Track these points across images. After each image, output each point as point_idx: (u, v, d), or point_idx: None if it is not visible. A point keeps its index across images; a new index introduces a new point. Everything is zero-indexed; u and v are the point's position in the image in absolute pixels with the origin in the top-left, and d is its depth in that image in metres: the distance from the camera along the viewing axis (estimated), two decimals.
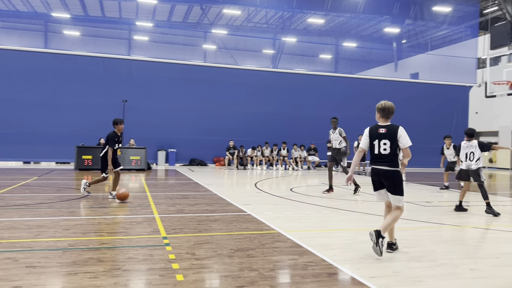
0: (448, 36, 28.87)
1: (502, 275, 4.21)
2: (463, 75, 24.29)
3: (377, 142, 4.81)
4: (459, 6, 27.08)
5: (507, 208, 9.10)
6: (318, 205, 8.54)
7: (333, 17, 28.62)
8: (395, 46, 29.58)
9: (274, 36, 27.77)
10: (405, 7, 27.56)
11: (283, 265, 4.32)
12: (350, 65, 27.04)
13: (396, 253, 4.83)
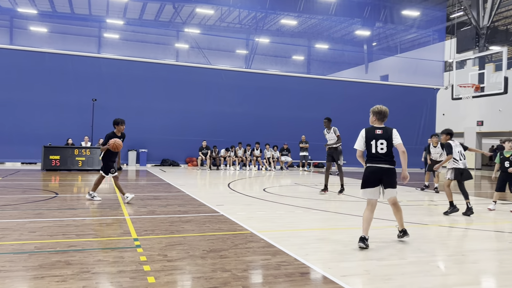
0: (417, 39, 29.67)
1: (467, 271, 4.34)
2: (430, 78, 24.99)
3: (374, 142, 5.16)
4: (427, 10, 27.87)
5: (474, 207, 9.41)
6: (291, 205, 8.59)
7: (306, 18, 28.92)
8: (365, 48, 30.17)
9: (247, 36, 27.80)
10: (375, 11, 28.13)
11: (256, 265, 4.32)
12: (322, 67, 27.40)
13: (367, 252, 4.91)
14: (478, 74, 18.01)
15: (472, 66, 24.10)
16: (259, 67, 24.15)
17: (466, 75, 18.63)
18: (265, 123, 21.30)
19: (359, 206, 8.92)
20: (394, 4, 28.06)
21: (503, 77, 15.99)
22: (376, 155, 5.14)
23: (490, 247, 5.43)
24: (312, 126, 21.66)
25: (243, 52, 27.16)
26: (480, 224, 7.08)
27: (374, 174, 5.15)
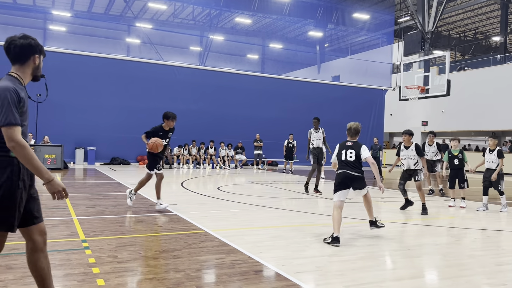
0: (367, 42, 30.68)
1: (413, 265, 4.54)
2: (379, 79, 25.91)
3: (344, 152, 5.85)
4: (377, 14, 28.88)
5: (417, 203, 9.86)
6: (245, 203, 8.60)
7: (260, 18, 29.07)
8: (318, 49, 30.79)
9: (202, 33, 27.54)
10: (328, 12, 28.78)
11: (210, 264, 4.28)
12: (276, 66, 27.68)
13: (320, 248, 5.01)
14: (424, 76, 18.87)
15: (418, 68, 25.25)
16: (213, 64, 23.98)
17: (413, 77, 19.46)
18: (220, 121, 21.19)
19: (312, 204, 9.09)
20: (345, 6, 28.83)
21: (446, 79, 16.85)
22: (346, 162, 5.75)
23: (434, 241, 5.70)
24: (267, 124, 21.84)
25: (197, 49, 26.87)
26: (425, 220, 7.43)
27: (344, 179, 5.70)
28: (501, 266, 4.50)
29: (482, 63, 29.25)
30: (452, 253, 5.05)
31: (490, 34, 38.10)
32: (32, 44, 2.70)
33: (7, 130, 2.44)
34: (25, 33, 2.74)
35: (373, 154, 16.70)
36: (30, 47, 2.69)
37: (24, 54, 2.68)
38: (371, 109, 25.35)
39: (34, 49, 2.72)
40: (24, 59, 2.70)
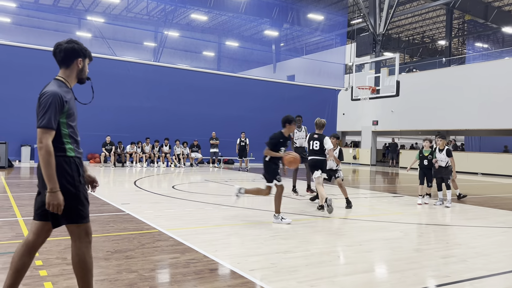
0: (321, 42, 31.34)
1: (364, 260, 4.69)
2: (333, 79, 26.55)
3: (312, 142, 7.87)
4: (331, 15, 29.56)
5: (368, 200, 10.21)
6: (201, 201, 8.53)
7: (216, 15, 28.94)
8: (274, 48, 31.09)
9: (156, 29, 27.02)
10: (283, 12, 29.11)
11: (164, 264, 4.22)
12: (232, 64, 27.66)
13: (274, 245, 5.06)
14: (375, 77, 19.55)
15: (369, 69, 26.10)
16: (168, 61, 23.60)
17: (364, 78, 20.10)
18: (175, 119, 20.88)
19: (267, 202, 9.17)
20: (300, 7, 29.29)
21: (395, 81, 17.54)
22: (313, 151, 7.85)
23: (383, 236, 5.92)
24: (223, 122, 21.77)
25: (151, 44, 26.33)
26: (375, 216, 7.70)
27: (313, 163, 7.85)
28: (445, 259, 4.74)
29: (428, 65, 30.70)
30: (400, 247, 5.27)
31: (436, 38, 40.04)
32: (75, 48, 2.86)
33: (41, 132, 2.61)
34: (71, 38, 2.91)
35: None
36: (73, 51, 2.85)
37: (68, 57, 2.85)
38: (325, 109, 25.92)
39: (78, 53, 2.87)
40: (69, 62, 2.87)
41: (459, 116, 23.45)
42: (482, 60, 31.51)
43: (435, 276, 4.12)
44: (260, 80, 24.48)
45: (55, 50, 2.87)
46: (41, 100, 2.68)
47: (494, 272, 4.27)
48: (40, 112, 2.65)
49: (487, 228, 6.82)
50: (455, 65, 29.01)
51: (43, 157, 2.59)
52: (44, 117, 2.62)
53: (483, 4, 31.55)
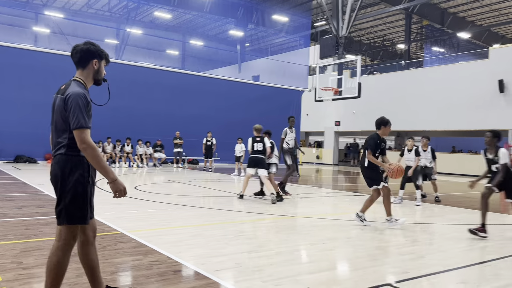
0: (286, 43, 31.63)
1: (327, 258, 4.77)
2: (297, 80, 26.83)
3: (256, 144, 9.30)
4: (294, 17, 29.88)
5: (331, 199, 10.39)
6: (164, 202, 8.41)
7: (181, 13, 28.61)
8: (239, 48, 31.10)
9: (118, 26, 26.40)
10: (248, 13, 29.17)
11: (126, 266, 4.13)
12: (197, 63, 27.43)
13: (239, 245, 5.06)
14: (337, 79, 19.94)
15: (332, 71, 26.58)
16: (131, 58, 23.09)
17: (327, 80, 20.45)
18: (137, 118, 20.42)
19: (231, 202, 9.16)
20: (265, 8, 29.44)
21: (357, 82, 17.95)
22: (256, 151, 9.27)
23: (345, 234, 6.05)
24: (187, 122, 21.53)
25: (113, 42, 25.68)
26: (337, 214, 7.85)
27: (253, 161, 9.23)
28: (404, 256, 4.90)
29: (388, 68, 31.65)
30: (362, 245, 5.40)
31: (396, 42, 41.29)
32: (91, 49, 2.93)
33: (79, 133, 2.70)
34: (89, 40, 2.98)
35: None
36: (89, 52, 2.93)
37: (84, 58, 2.93)
38: (289, 109, 26.12)
39: (93, 54, 2.94)
40: (85, 63, 2.95)
41: (417, 118, 24.31)
42: (439, 64, 32.79)
43: (394, 273, 4.25)
44: (225, 80, 24.40)
45: (72, 51, 2.96)
46: (69, 102, 2.74)
47: (449, 268, 4.46)
48: (72, 114, 2.71)
49: (443, 226, 7.10)
50: (413, 68, 30.04)
51: (92, 155, 2.71)
52: (78, 117, 2.71)
53: (439, 10, 32.84)
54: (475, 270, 4.44)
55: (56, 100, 2.85)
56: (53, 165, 2.84)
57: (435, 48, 38.58)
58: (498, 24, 34.51)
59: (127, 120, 20.12)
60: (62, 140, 2.79)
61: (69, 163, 2.79)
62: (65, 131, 2.79)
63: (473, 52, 32.08)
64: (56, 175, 2.79)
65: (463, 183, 17.14)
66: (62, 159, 2.79)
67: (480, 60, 23.90)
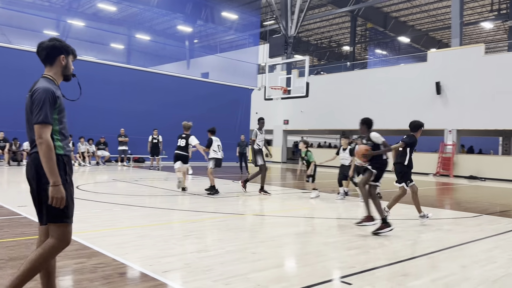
0: (235, 41, 31.58)
1: (276, 255, 4.81)
2: (246, 78, 26.88)
3: (180, 140, 10.21)
4: (244, 15, 29.90)
5: (279, 196, 10.51)
6: (109, 202, 8.09)
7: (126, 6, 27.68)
8: (187, 44, 30.62)
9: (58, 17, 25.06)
10: (197, 8, 28.79)
11: (68, 270, 3.91)
12: (143, 58, 26.65)
13: (188, 245, 4.97)
14: (286, 78, 20.18)
15: (281, 70, 26.90)
16: None
17: (276, 78, 20.65)
18: (79, 114, 19.46)
19: (180, 201, 9.01)
20: (214, 4, 29.21)
21: (305, 82, 18.28)
22: (180, 147, 10.20)
23: (294, 231, 6.13)
24: (133, 119, 20.89)
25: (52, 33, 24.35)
26: (286, 211, 7.95)
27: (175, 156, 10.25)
28: (351, 251, 5.05)
29: (335, 68, 32.56)
30: (310, 241, 5.50)
31: (342, 43, 42.58)
32: (56, 45, 2.90)
33: (40, 127, 2.66)
34: (54, 37, 2.97)
35: (240, 150, 17.27)
36: (54, 48, 2.90)
37: (50, 55, 2.90)
38: (238, 107, 26.18)
39: (60, 50, 2.92)
40: (52, 60, 2.91)
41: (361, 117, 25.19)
42: (382, 65, 34.23)
43: (341, 268, 4.36)
44: (173, 76, 23.93)
45: (37, 49, 2.92)
46: (34, 97, 2.72)
47: (393, 261, 4.64)
48: (35, 108, 2.69)
49: None
50: (358, 69, 31.12)
51: (44, 152, 2.64)
52: (41, 112, 2.67)
53: (382, 14, 34.25)
54: (416, 263, 4.66)
55: (28, 99, 2.81)
56: (29, 164, 2.78)
57: (378, 51, 40.22)
58: (436, 29, 36.59)
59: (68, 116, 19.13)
60: None
61: None
62: None
63: (413, 55, 33.79)
64: (32, 174, 2.75)
65: None
66: (37, 157, 2.72)
67: (419, 63, 25.19)
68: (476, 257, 5.01)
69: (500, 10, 27.84)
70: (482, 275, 4.26)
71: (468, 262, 4.78)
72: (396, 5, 32.31)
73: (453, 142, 21.11)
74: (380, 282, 3.94)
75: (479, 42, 36.88)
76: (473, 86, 20.68)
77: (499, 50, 33.76)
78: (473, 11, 32.25)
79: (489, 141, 32.32)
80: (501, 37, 36.89)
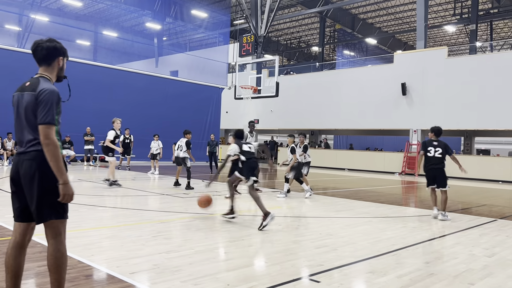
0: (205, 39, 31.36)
1: (246, 254, 4.81)
2: (216, 77, 26.73)
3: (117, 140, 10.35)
4: (214, 13, 29.75)
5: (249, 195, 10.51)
6: (74, 203, 7.84)
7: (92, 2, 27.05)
8: (156, 42, 30.19)
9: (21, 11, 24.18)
10: (166, 5, 28.41)
11: (31, 273, 3.78)
12: (110, 55, 26.06)
13: (157, 246, 4.91)
14: (256, 77, 20.22)
15: (251, 70, 26.94)
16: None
17: (247, 78, 20.66)
18: None
19: (148, 201, 8.87)
20: (184, 2, 28.92)
21: (275, 82, 18.38)
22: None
23: (263, 231, 6.15)
24: (100, 117, 20.37)
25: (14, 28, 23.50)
26: (254, 211, 7.97)
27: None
28: (319, 249, 5.11)
29: (304, 69, 32.89)
30: (279, 240, 5.53)
31: (311, 44, 43.07)
32: (57, 47, 2.96)
33: (46, 128, 2.71)
34: (51, 37, 2.99)
35: (210, 150, 17.16)
36: (55, 50, 2.95)
37: (50, 56, 2.93)
38: (209, 106, 26.00)
39: (59, 52, 2.98)
40: (50, 60, 2.95)
41: (329, 117, 25.59)
42: (349, 66, 34.83)
43: (310, 266, 4.41)
44: (142, 74, 23.50)
45: (36, 48, 2.92)
46: (42, 97, 2.75)
47: (360, 259, 4.74)
48: (43, 108, 2.73)
49: (353, 219, 7.54)
50: (327, 69, 31.57)
51: (52, 152, 2.69)
52: (48, 113, 2.72)
53: (351, 16, 34.87)
54: (382, 260, 4.77)
55: (23, 97, 2.82)
56: (25, 162, 2.77)
57: (346, 52, 40.90)
58: (401, 31, 37.58)
59: None
60: (38, 136, 2.75)
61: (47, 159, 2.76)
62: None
63: (380, 57, 34.59)
64: (32, 173, 2.75)
65: (371, 178, 18.40)
66: (39, 155, 2.75)
67: (386, 64, 25.81)
68: (439, 253, 5.18)
69: (462, 14, 28.90)
70: (444, 271, 4.41)
71: (431, 258, 4.94)
72: (364, 7, 32.96)
73: (418, 142, 21.75)
74: (347, 279, 4.01)
75: (443, 45, 38.18)
76: (437, 87, 21.39)
77: (461, 53, 35.05)
78: (437, 15, 33.32)
79: (452, 141, 33.53)
80: (463, 40, 38.30)
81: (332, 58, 41.29)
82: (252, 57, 23.66)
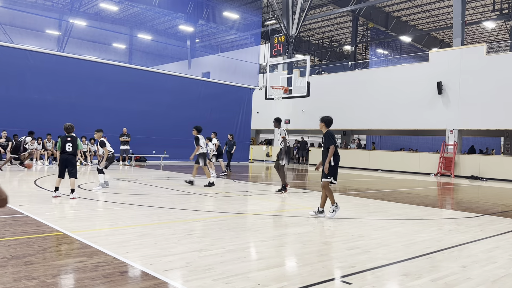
0: (236, 41, 31.60)
1: (277, 254, 4.82)
2: (247, 78, 26.89)
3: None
4: (245, 15, 29.91)
5: (280, 196, 10.52)
6: (110, 201, 8.12)
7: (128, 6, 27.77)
8: (189, 44, 30.66)
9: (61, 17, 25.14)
10: (199, 8, 28.81)
11: (70, 269, 3.93)
12: (145, 58, 26.71)
13: (189, 244, 4.99)
14: (287, 78, 20.20)
15: (282, 70, 26.90)
16: (74, 51, 22.03)
17: (278, 78, 20.66)
18: (80, 113, 19.52)
19: (181, 200, 9.02)
20: (216, 4, 29.23)
21: (306, 82, 18.29)
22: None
23: (294, 231, 6.14)
24: (135, 118, 20.93)
25: (55, 33, 24.43)
26: (286, 211, 7.96)
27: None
28: (351, 250, 5.06)
29: (336, 68, 32.54)
30: (310, 241, 5.51)
31: (343, 43, 42.56)
32: None
33: None
34: None
35: (228, 149, 17.23)
36: None
37: None
38: (240, 107, 26.19)
39: None
40: None
41: (362, 117, 25.19)
42: (383, 65, 34.18)
43: (341, 267, 4.37)
44: (175, 76, 23.95)
45: None
46: None
47: (393, 261, 4.65)
48: None
49: (386, 220, 7.41)
50: (359, 69, 31.09)
51: None
52: None
53: (384, 14, 34.22)
54: (416, 263, 4.66)
55: None
56: None
57: (379, 50, 40.16)
58: (437, 29, 36.54)
59: (69, 115, 19.18)
60: None
61: None
62: None
63: (415, 55, 33.74)
64: None
65: (406, 180, 17.98)
66: None
67: (421, 62, 25.15)
68: (476, 257, 5.01)
69: (502, 10, 27.79)
70: (482, 275, 4.27)
71: (468, 262, 4.79)
72: (397, 4, 32.27)
73: (454, 142, 21.08)
74: (380, 282, 3.95)
75: (481, 42, 36.86)
76: (475, 86, 20.66)
77: (501, 50, 33.71)
78: (475, 11, 32.20)
79: (491, 141, 32.28)
80: (503, 36, 36.83)
81: (365, 57, 40.67)
82: (283, 57, 23.63)
